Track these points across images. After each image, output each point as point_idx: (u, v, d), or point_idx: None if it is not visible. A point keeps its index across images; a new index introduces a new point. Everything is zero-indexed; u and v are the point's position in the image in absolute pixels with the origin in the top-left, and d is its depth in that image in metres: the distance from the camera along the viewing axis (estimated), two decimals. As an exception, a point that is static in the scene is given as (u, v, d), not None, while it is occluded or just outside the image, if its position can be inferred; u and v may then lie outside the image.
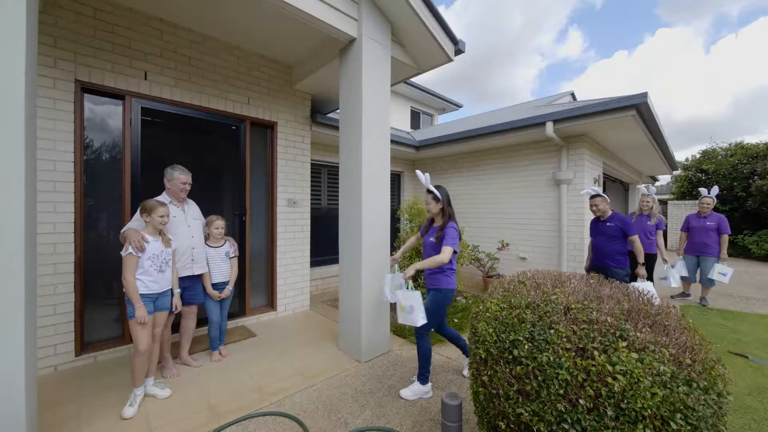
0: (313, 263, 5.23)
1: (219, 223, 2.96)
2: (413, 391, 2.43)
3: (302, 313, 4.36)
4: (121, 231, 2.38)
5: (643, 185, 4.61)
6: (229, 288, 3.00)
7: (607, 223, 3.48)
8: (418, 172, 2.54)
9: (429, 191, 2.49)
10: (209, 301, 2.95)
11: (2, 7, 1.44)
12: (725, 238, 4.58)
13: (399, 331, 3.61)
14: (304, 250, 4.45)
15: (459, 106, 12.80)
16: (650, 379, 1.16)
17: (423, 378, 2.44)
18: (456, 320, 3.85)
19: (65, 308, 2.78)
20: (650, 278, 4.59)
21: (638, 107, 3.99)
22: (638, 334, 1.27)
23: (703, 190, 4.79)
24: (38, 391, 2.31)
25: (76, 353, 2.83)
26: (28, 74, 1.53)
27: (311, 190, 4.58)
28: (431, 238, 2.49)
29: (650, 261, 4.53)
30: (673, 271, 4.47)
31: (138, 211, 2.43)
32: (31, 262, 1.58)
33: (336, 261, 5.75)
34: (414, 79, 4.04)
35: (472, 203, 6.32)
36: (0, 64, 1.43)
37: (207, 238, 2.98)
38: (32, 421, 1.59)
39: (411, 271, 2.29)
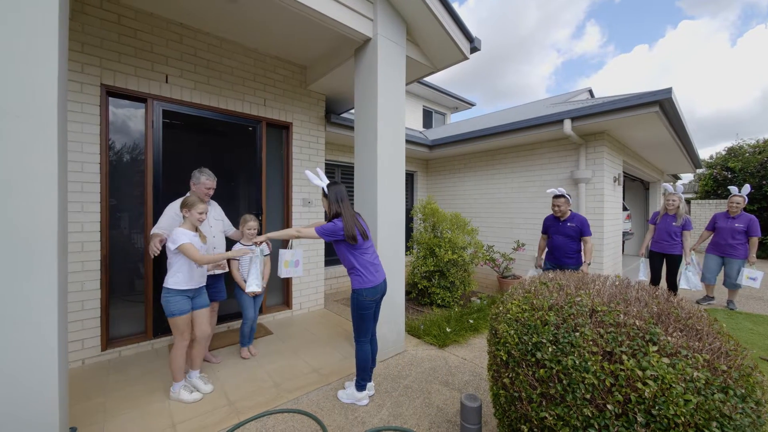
0: (327, 263, 5.27)
1: (252, 224, 2.94)
2: (348, 394, 2.40)
3: (317, 311, 4.40)
4: (154, 230, 2.52)
5: (669, 184, 4.42)
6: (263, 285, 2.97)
7: (568, 224, 3.58)
8: (307, 172, 2.42)
9: (321, 188, 2.41)
10: (244, 298, 2.95)
11: (36, 16, 1.50)
12: (755, 240, 4.31)
13: (413, 331, 3.60)
14: (318, 249, 4.49)
15: (472, 104, 12.67)
16: (683, 385, 1.12)
17: (359, 386, 2.38)
18: (471, 321, 3.81)
19: (92, 304, 2.88)
20: (674, 281, 4.41)
21: (662, 103, 3.86)
22: (669, 338, 1.23)
23: (733, 189, 4.49)
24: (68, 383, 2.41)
25: (102, 348, 2.94)
26: (61, 80, 1.59)
27: (325, 189, 4.60)
28: None
29: (675, 263, 4.34)
30: (688, 273, 4.23)
31: (169, 208, 2.52)
32: (62, 260, 1.64)
33: (349, 260, 5.78)
34: (426, 78, 4.01)
35: (486, 203, 6.24)
36: (35, 71, 1.49)
37: (240, 236, 3.00)
38: (64, 411, 1.66)
39: (262, 237, 2.45)
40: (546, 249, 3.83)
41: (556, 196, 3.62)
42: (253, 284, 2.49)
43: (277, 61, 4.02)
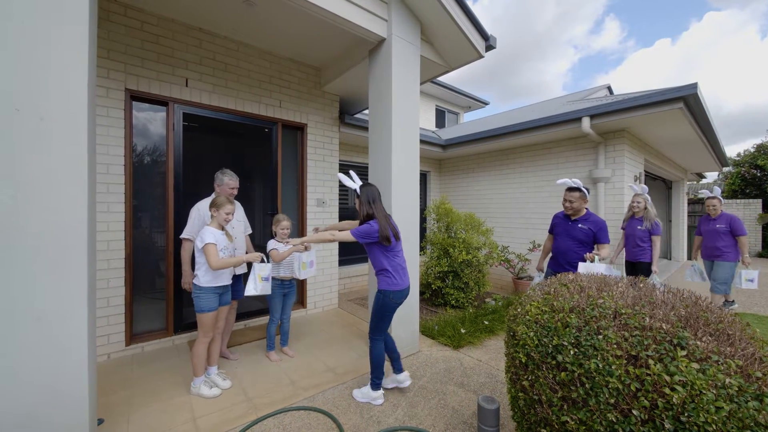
0: (341, 262, 5.30)
1: (285, 224, 2.96)
2: (363, 393, 2.40)
3: (331, 311, 4.44)
4: (185, 234, 2.64)
5: (633, 183, 4.03)
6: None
7: (579, 225, 2.90)
8: (339, 175, 2.46)
9: (353, 189, 2.42)
10: (274, 299, 2.97)
11: (69, 26, 1.57)
12: (743, 240, 3.98)
13: (427, 331, 3.58)
14: (332, 249, 4.52)
15: (485, 103, 12.52)
16: (714, 391, 1.07)
17: (374, 384, 2.38)
18: (486, 322, 3.77)
19: (117, 301, 2.99)
20: None
21: (686, 99, 3.72)
22: (698, 342, 1.19)
23: (705, 192, 4.27)
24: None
25: (126, 343, 3.05)
26: (90, 86, 1.66)
27: (338, 190, 4.64)
28: None
29: (643, 272, 3.84)
30: (655, 282, 3.87)
31: (193, 210, 2.65)
32: (92, 258, 1.71)
33: (362, 260, 5.81)
34: (439, 77, 4.00)
35: (501, 203, 6.16)
36: (67, 78, 1.56)
37: (273, 236, 3.02)
38: (93, 403, 1.73)
39: (297, 240, 2.49)
40: (550, 253, 3.24)
41: (570, 189, 2.92)
42: (251, 288, 2.52)
43: (292, 63, 4.07)
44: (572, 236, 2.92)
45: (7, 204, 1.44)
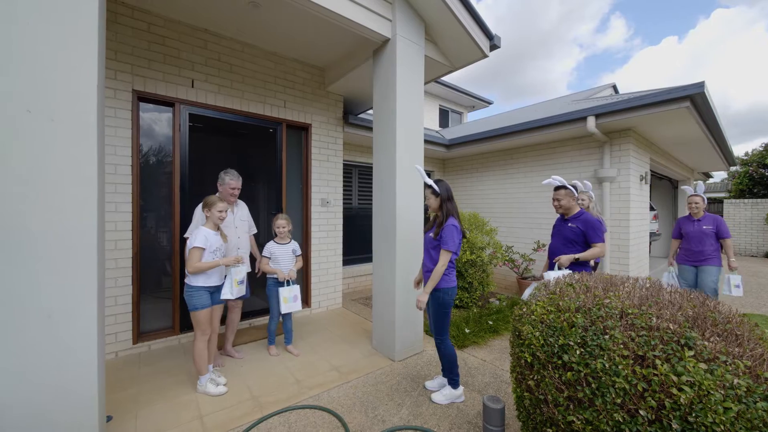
0: (345, 262, 5.31)
1: (279, 222, 3.04)
2: (445, 395, 2.40)
3: (335, 310, 4.45)
4: (189, 234, 2.69)
5: (577, 181, 3.88)
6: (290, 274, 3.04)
7: (569, 224, 2.81)
8: (417, 166, 2.53)
9: (428, 185, 2.41)
10: (272, 296, 3.03)
11: (80, 28, 1.59)
12: (729, 242, 3.70)
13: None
14: (336, 248, 4.54)
15: (489, 102, 12.48)
16: (722, 392, 1.07)
17: (453, 382, 2.40)
18: (491, 322, 3.76)
19: (124, 300, 3.02)
20: None
21: (693, 98, 3.68)
22: (706, 343, 1.18)
23: (687, 189, 3.90)
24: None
25: (133, 341, 3.08)
26: (100, 87, 1.68)
27: (342, 190, 4.66)
28: (430, 233, 2.42)
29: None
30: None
31: (196, 211, 2.66)
32: (101, 257, 1.73)
33: (366, 260, 5.82)
34: (443, 77, 4.00)
35: (505, 203, 6.14)
36: (77, 80, 1.58)
37: (274, 236, 3.11)
38: (102, 400, 1.75)
39: (424, 297, 2.29)
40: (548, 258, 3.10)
41: (555, 188, 2.88)
42: (227, 292, 2.57)
43: (296, 64, 4.09)
44: (563, 236, 2.84)
45: (17, 203, 1.46)
